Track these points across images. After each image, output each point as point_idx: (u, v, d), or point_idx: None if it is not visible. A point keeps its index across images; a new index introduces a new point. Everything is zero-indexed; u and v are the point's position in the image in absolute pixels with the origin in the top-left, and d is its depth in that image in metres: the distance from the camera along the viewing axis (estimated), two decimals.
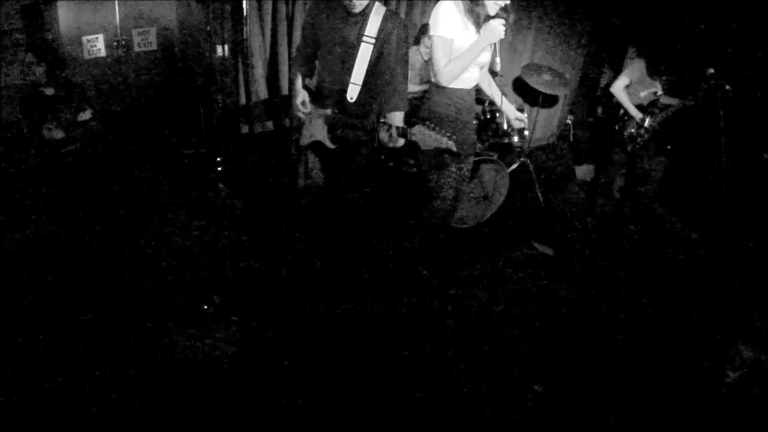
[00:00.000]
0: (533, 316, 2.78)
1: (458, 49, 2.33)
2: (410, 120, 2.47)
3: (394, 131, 2.32)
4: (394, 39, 2.39)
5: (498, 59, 2.35)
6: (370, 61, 2.41)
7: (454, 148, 2.24)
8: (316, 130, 2.60)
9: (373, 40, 2.38)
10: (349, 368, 2.30)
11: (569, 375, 2.39)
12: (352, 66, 2.42)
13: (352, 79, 2.43)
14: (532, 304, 2.91)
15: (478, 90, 4.16)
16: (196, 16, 4.04)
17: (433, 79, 2.46)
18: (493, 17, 2.28)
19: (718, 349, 2.53)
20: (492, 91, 2.82)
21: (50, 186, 3.23)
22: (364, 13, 2.36)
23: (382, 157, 3.53)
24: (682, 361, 2.53)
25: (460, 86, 2.46)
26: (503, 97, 2.92)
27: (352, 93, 2.45)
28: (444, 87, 2.44)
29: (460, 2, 2.30)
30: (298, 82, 2.63)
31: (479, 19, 2.30)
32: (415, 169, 3.41)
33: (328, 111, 2.55)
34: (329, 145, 2.59)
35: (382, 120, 2.43)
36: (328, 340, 2.45)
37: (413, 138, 2.27)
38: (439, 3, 2.32)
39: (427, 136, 2.22)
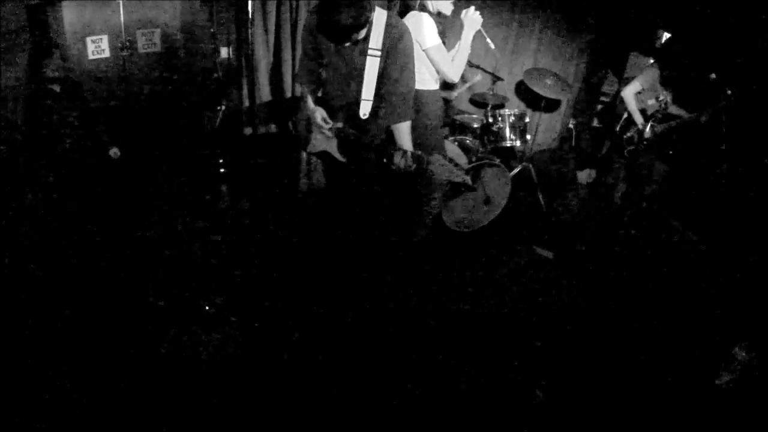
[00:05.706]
0: (534, 320, 2.79)
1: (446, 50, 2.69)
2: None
3: (409, 157, 2.15)
4: (400, 46, 2.23)
5: (489, 41, 2.71)
6: (378, 74, 2.26)
7: (470, 182, 2.15)
8: (326, 142, 2.50)
9: (379, 52, 2.22)
10: (349, 369, 2.31)
11: (569, 378, 2.40)
12: (361, 82, 2.26)
13: (363, 96, 2.28)
14: (533, 308, 2.91)
15: (482, 95, 4.17)
16: (200, 18, 4.06)
17: (433, 80, 2.72)
18: (442, 14, 2.63)
19: (715, 351, 2.54)
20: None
21: (53, 185, 3.24)
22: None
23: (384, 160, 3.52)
24: (682, 364, 2.53)
25: (426, 87, 2.72)
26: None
27: (365, 110, 2.31)
28: (428, 90, 2.72)
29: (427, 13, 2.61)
30: (310, 99, 2.47)
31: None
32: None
33: (339, 124, 2.41)
34: (339, 158, 2.48)
35: (397, 147, 2.26)
36: (329, 341, 2.46)
37: (430, 168, 2.11)
38: (419, 18, 2.58)
39: (444, 168, 2.08)
